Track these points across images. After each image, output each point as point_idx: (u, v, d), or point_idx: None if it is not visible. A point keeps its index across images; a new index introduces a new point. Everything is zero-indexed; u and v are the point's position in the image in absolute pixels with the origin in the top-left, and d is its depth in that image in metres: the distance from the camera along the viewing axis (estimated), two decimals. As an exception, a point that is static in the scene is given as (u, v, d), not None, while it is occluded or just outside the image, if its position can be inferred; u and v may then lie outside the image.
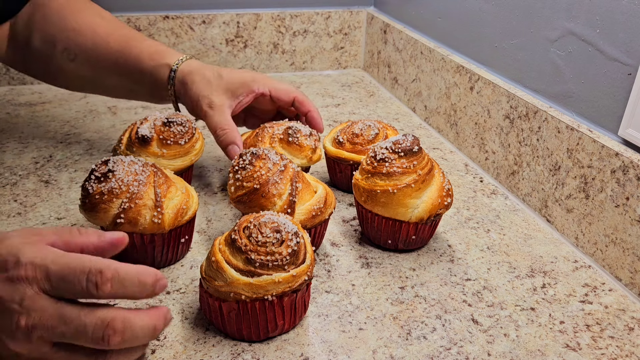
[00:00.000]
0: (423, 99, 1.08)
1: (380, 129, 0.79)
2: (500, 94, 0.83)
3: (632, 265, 0.62)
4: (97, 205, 0.58)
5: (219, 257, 0.51)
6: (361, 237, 0.71)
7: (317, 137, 0.78)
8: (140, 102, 1.12)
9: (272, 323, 0.53)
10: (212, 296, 0.52)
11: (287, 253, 0.51)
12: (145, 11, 1.20)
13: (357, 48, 1.36)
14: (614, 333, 0.57)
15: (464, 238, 0.72)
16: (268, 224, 0.52)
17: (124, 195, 0.58)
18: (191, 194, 0.64)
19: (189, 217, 0.62)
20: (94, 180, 0.59)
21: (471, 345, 0.55)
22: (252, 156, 0.63)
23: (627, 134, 0.64)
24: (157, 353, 0.53)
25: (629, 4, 0.63)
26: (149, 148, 0.72)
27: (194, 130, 0.75)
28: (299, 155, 0.75)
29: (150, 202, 0.59)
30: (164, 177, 0.61)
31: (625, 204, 0.62)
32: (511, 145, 0.82)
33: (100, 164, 0.60)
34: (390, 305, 0.60)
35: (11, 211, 0.74)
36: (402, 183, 0.63)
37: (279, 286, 0.51)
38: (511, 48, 0.84)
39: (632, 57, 0.63)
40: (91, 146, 0.93)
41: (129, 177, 0.59)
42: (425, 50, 1.05)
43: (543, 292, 0.62)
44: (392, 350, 0.54)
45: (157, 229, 0.59)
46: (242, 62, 1.29)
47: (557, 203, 0.73)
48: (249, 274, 0.50)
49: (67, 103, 1.10)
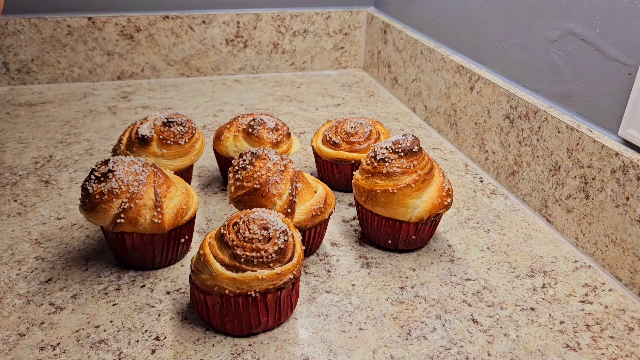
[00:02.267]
0: (423, 99, 1.08)
1: (371, 124, 0.79)
2: (500, 94, 0.83)
3: (632, 265, 0.62)
4: (97, 205, 0.58)
5: (207, 250, 0.52)
6: (361, 237, 0.71)
7: (285, 133, 0.77)
8: (140, 102, 1.12)
9: (256, 319, 0.53)
10: (199, 289, 0.53)
11: (273, 250, 0.51)
12: (145, 11, 1.20)
13: (357, 48, 1.36)
14: (614, 333, 0.57)
15: (464, 238, 0.72)
16: (257, 221, 0.52)
17: (124, 195, 0.58)
18: (191, 194, 0.64)
19: (189, 217, 0.62)
20: (94, 180, 0.59)
21: (471, 345, 0.55)
22: (252, 156, 0.63)
23: (627, 134, 0.64)
24: (157, 353, 0.53)
25: (629, 4, 0.63)
26: (149, 148, 0.71)
27: (194, 130, 0.75)
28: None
29: (150, 202, 0.59)
30: (164, 177, 0.61)
31: (625, 204, 0.62)
32: (511, 145, 0.82)
33: (100, 164, 0.60)
34: (390, 305, 0.60)
35: (11, 211, 0.74)
36: (402, 183, 0.63)
37: (262, 283, 0.51)
38: (511, 48, 0.84)
39: (632, 57, 0.63)
40: (91, 146, 0.93)
41: (129, 177, 0.59)
42: (425, 50, 1.05)
43: (543, 292, 0.62)
44: (392, 350, 0.54)
45: (157, 229, 0.59)
46: (242, 62, 1.29)
47: (557, 203, 0.73)
48: (233, 269, 0.51)
49: (67, 103, 1.10)
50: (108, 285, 0.61)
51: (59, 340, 0.54)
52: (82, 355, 0.52)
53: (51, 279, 0.62)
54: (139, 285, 0.61)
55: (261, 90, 1.21)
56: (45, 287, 0.61)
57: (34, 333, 0.55)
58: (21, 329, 0.55)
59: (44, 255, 0.66)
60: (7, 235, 0.69)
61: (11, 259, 0.65)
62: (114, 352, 0.53)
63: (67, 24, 1.15)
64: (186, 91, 1.19)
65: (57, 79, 1.19)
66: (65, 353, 0.52)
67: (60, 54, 1.17)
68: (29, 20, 1.13)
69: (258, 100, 1.16)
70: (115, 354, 0.52)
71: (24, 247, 0.67)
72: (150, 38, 1.21)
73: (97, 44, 1.18)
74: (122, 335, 0.55)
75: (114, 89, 1.18)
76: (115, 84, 1.21)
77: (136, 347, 0.53)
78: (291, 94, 1.20)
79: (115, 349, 0.53)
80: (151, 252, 0.61)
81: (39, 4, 1.15)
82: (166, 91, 1.19)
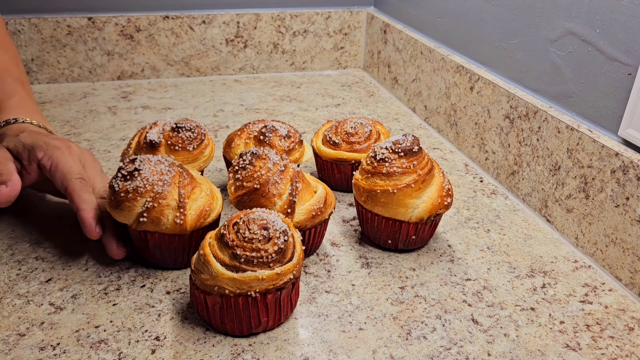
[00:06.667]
0: (423, 99, 1.08)
1: (371, 124, 0.79)
2: (500, 94, 0.83)
3: (632, 265, 0.62)
4: (122, 203, 0.58)
5: (207, 250, 0.52)
6: (361, 237, 0.71)
7: (297, 140, 0.76)
8: (140, 102, 1.12)
9: (256, 319, 0.53)
10: (199, 289, 0.53)
11: (273, 250, 0.51)
12: (145, 11, 1.20)
13: (357, 48, 1.36)
14: (614, 333, 0.57)
15: (464, 238, 0.72)
16: (257, 221, 0.52)
17: (148, 195, 0.58)
18: (216, 196, 0.64)
19: (212, 219, 0.62)
20: (120, 178, 0.59)
21: (471, 345, 0.55)
22: (252, 156, 0.63)
23: (627, 134, 0.64)
24: (157, 353, 0.53)
25: (629, 4, 0.63)
26: (156, 153, 0.71)
27: (204, 136, 0.74)
28: None
29: (174, 203, 0.59)
30: (189, 178, 0.61)
31: (625, 204, 0.62)
32: (511, 145, 0.82)
33: (128, 162, 0.60)
34: (390, 305, 0.60)
35: (11, 211, 0.74)
36: (402, 183, 0.63)
37: (262, 283, 0.51)
38: (511, 48, 0.84)
39: (632, 57, 0.63)
40: (91, 146, 0.93)
41: (154, 176, 0.59)
42: (425, 50, 1.05)
43: (543, 292, 0.62)
44: (392, 350, 0.54)
45: (179, 229, 0.59)
46: (242, 62, 1.29)
47: (557, 203, 0.73)
48: (233, 269, 0.51)
49: (67, 103, 1.10)
50: (108, 285, 0.61)
51: (59, 340, 0.54)
52: (82, 355, 0.52)
53: (51, 279, 0.62)
54: (139, 285, 0.61)
55: (261, 90, 1.21)
56: (45, 287, 0.61)
57: (34, 333, 0.55)
58: (21, 329, 0.55)
59: (44, 255, 0.66)
60: (7, 235, 0.69)
61: (11, 259, 0.65)
62: (114, 352, 0.53)
63: (67, 24, 1.15)
64: (186, 91, 1.19)
65: (57, 79, 1.19)
66: (65, 353, 0.52)
67: (60, 54, 1.17)
68: (29, 20, 1.13)
69: (258, 100, 1.16)
70: (115, 354, 0.52)
71: (24, 247, 0.67)
72: (150, 38, 1.21)
73: (97, 44, 1.18)
74: (122, 335, 0.55)
75: (114, 89, 1.18)
76: (115, 84, 1.21)
77: (136, 347, 0.53)
78: (291, 94, 1.20)
79: (115, 349, 0.53)
80: (173, 253, 0.61)
81: (39, 4, 1.15)
82: (166, 91, 1.19)
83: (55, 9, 1.16)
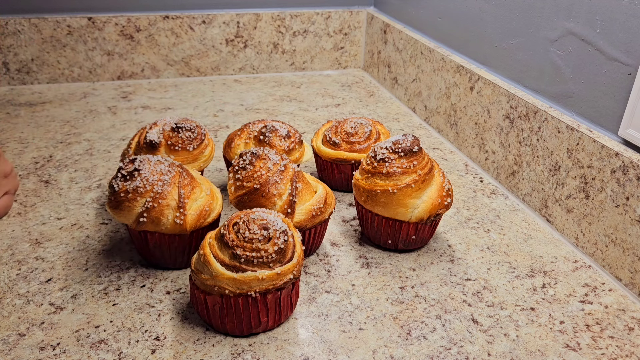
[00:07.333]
0: (423, 99, 1.08)
1: (371, 124, 0.79)
2: (500, 94, 0.83)
3: (632, 265, 0.62)
4: (122, 203, 0.58)
5: (207, 250, 0.52)
6: (361, 237, 0.71)
7: (297, 140, 0.76)
8: (140, 102, 1.12)
9: (256, 319, 0.53)
10: (199, 289, 0.53)
11: (273, 251, 0.51)
12: (145, 11, 1.20)
13: (357, 48, 1.36)
14: (614, 333, 0.57)
15: (464, 238, 0.72)
16: (257, 221, 0.52)
17: (148, 195, 0.58)
18: (216, 196, 0.64)
19: (212, 219, 0.62)
20: (120, 178, 0.59)
21: (471, 345, 0.55)
22: (252, 156, 0.63)
23: (627, 134, 0.64)
24: (157, 353, 0.53)
25: (629, 4, 0.63)
26: (156, 154, 0.71)
27: (204, 136, 0.74)
28: None
29: (174, 203, 0.59)
30: (189, 178, 0.61)
31: (625, 204, 0.62)
32: (511, 145, 0.82)
33: (127, 163, 0.60)
34: (390, 305, 0.60)
35: (11, 211, 0.74)
36: (402, 183, 0.63)
37: (262, 283, 0.51)
38: (511, 48, 0.84)
39: (632, 57, 0.63)
40: (91, 146, 0.93)
41: (154, 176, 0.59)
42: (425, 50, 1.05)
43: (543, 292, 0.62)
44: (392, 350, 0.54)
45: (179, 229, 0.59)
46: (242, 62, 1.29)
47: (557, 203, 0.73)
48: (233, 269, 0.51)
49: (67, 103, 1.10)
50: (108, 285, 0.61)
51: (59, 340, 0.54)
52: (82, 355, 0.52)
53: (51, 279, 0.62)
54: (139, 285, 0.61)
55: (261, 90, 1.21)
56: (45, 287, 0.61)
57: (34, 333, 0.55)
58: (21, 329, 0.55)
59: (44, 255, 0.66)
60: (7, 235, 0.69)
61: (11, 259, 0.65)
62: (114, 352, 0.53)
63: (67, 24, 1.15)
64: (186, 91, 1.19)
65: (57, 79, 1.19)
66: (65, 353, 0.52)
67: (60, 54, 1.17)
68: (29, 20, 1.13)
69: (258, 100, 1.16)
70: (115, 354, 0.52)
71: (24, 247, 0.67)
72: (150, 38, 1.21)
73: (97, 44, 1.18)
74: (122, 335, 0.55)
75: (114, 89, 1.18)
76: (115, 84, 1.21)
77: (136, 347, 0.53)
78: (291, 94, 1.20)
79: (115, 349, 0.53)
80: (173, 253, 0.61)
81: (39, 4, 1.15)
82: (166, 91, 1.19)
83: (55, 9, 1.16)
